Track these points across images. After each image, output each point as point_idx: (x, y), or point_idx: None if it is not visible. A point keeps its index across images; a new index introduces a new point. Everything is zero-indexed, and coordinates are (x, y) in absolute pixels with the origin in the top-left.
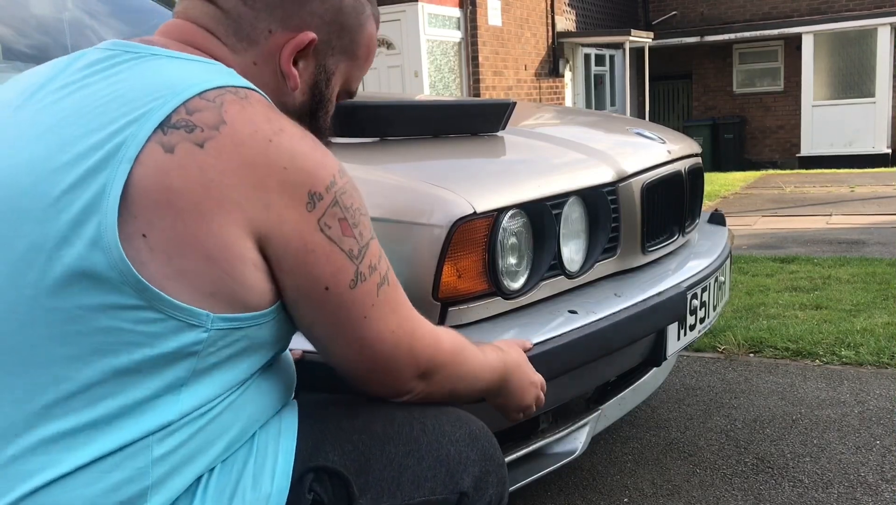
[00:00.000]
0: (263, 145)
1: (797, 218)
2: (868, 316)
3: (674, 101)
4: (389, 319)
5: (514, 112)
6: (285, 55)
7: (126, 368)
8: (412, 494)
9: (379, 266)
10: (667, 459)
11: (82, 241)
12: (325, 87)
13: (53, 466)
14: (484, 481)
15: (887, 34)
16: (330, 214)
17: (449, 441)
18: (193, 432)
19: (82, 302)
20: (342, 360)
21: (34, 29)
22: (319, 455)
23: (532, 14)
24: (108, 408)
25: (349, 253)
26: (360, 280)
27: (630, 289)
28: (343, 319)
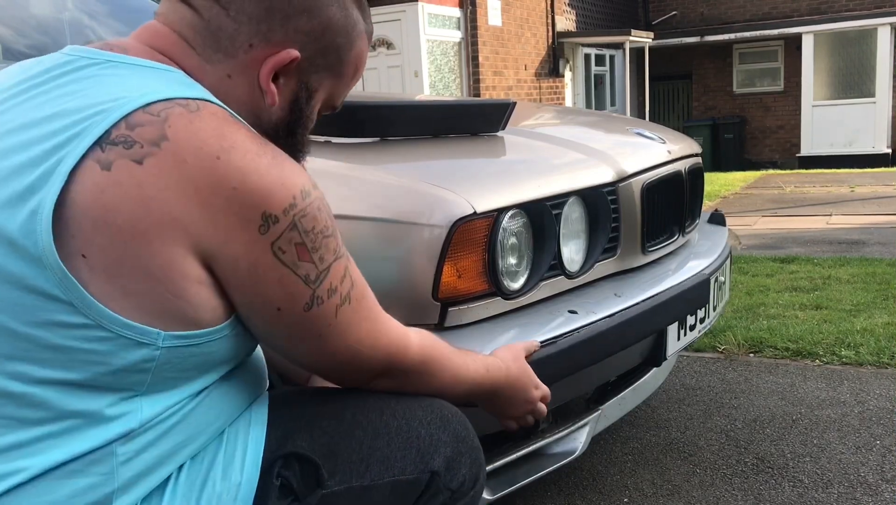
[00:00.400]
0: (210, 163)
1: (797, 218)
2: (868, 316)
3: (674, 101)
4: (347, 334)
5: (514, 112)
6: (265, 71)
7: (81, 383)
8: (381, 475)
9: (340, 287)
10: (667, 459)
11: (24, 258)
12: (305, 104)
13: (17, 473)
14: (456, 462)
15: (887, 34)
16: (285, 239)
17: (419, 424)
18: (158, 436)
19: (30, 319)
20: (301, 363)
21: (34, 29)
22: (288, 443)
23: (532, 14)
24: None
25: (304, 278)
26: (317, 304)
27: (630, 289)
28: (297, 335)
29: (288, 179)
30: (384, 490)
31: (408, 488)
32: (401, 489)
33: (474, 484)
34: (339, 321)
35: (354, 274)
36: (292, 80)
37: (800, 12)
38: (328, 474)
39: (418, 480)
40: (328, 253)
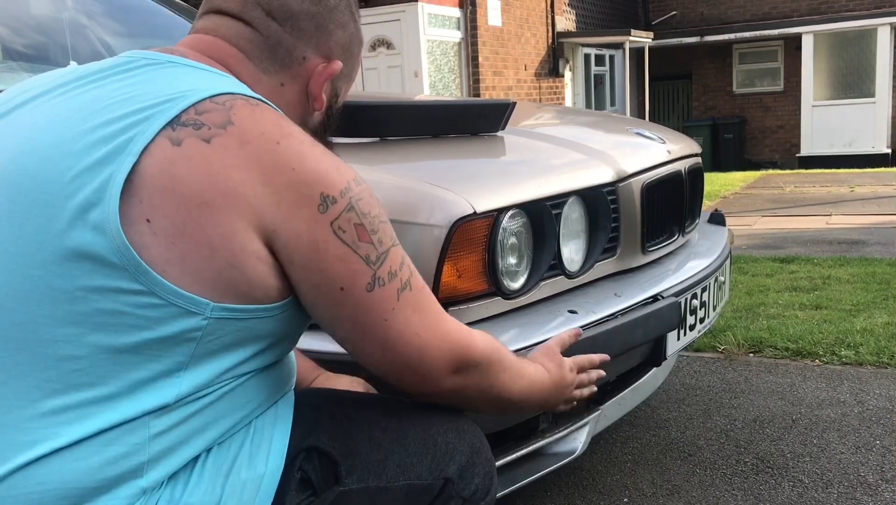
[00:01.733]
0: (271, 146)
1: (797, 218)
2: (868, 316)
3: (674, 101)
4: (412, 321)
5: (513, 112)
6: (320, 80)
7: (126, 349)
8: (397, 478)
9: (400, 272)
10: (666, 459)
11: (87, 225)
12: (334, 106)
13: (52, 439)
14: (469, 472)
15: (887, 34)
16: (344, 219)
17: (437, 431)
18: (191, 414)
19: (85, 284)
20: (370, 360)
21: (34, 29)
22: (311, 437)
23: (532, 14)
24: (108, 387)
25: (366, 258)
26: (378, 284)
27: (630, 289)
28: (363, 319)
29: (342, 167)
30: (399, 492)
31: (421, 493)
32: (415, 493)
33: (486, 494)
34: (402, 305)
35: (412, 265)
36: (328, 87)
37: (800, 12)
38: (346, 472)
39: (432, 486)
40: (386, 237)
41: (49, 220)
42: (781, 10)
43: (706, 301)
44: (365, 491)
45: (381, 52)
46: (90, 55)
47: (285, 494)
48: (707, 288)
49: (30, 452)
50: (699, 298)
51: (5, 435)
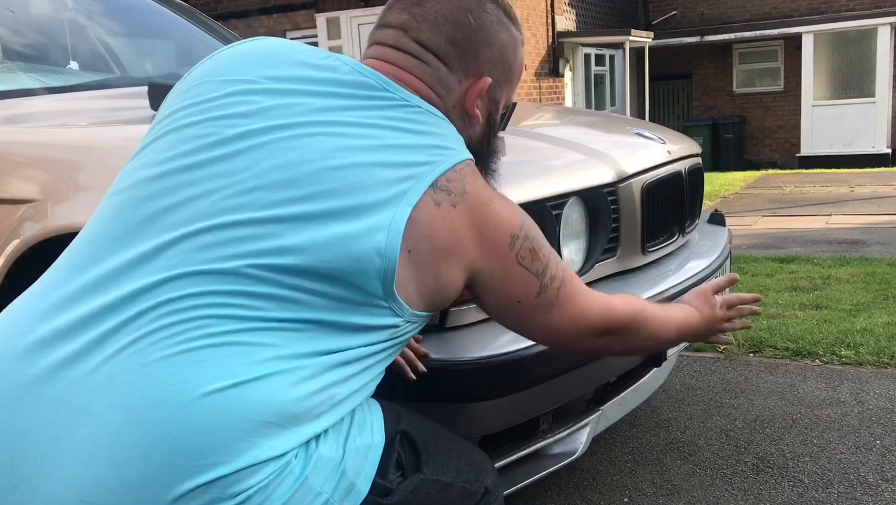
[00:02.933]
0: (484, 209)
1: (797, 218)
2: (868, 316)
3: (674, 101)
4: (566, 309)
5: (513, 112)
6: (471, 99)
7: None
8: (456, 478)
9: (558, 273)
10: (667, 459)
11: (371, 243)
12: (495, 114)
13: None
14: (497, 489)
15: (887, 34)
16: (524, 248)
17: (472, 450)
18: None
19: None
20: (533, 339)
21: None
22: (402, 424)
23: (532, 14)
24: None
25: (536, 273)
26: (544, 290)
27: (630, 289)
28: (530, 316)
29: (517, 209)
30: (457, 490)
31: (470, 496)
32: (466, 495)
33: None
34: (560, 299)
35: (561, 262)
36: (485, 100)
37: (800, 12)
38: (425, 463)
39: (477, 493)
40: (546, 249)
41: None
42: (781, 10)
43: None
44: (436, 483)
45: None
46: (90, 55)
47: (387, 468)
48: None
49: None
50: None
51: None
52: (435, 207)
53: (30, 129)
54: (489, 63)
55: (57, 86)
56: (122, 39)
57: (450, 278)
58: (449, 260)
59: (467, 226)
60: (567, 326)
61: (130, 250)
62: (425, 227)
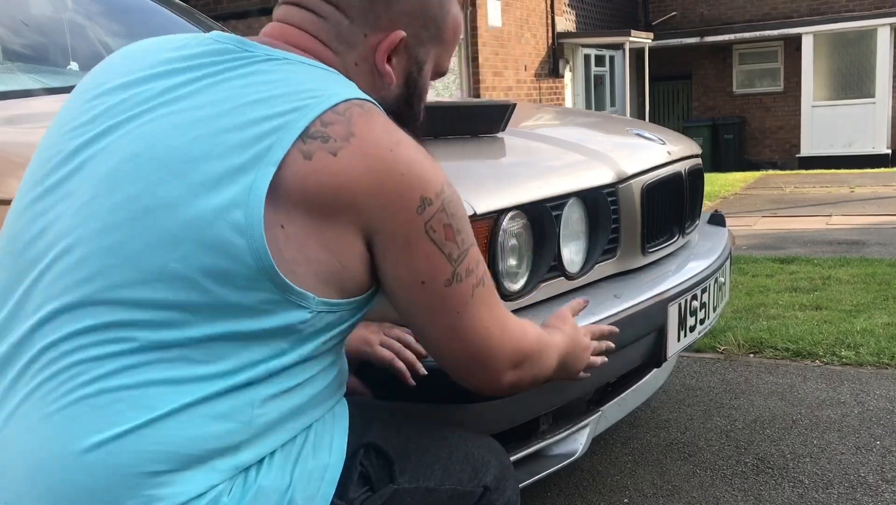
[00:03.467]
0: (385, 154)
1: (797, 218)
2: (868, 316)
3: (674, 102)
4: (482, 314)
5: (514, 113)
6: (380, 55)
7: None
8: (443, 481)
9: (476, 270)
10: (667, 460)
11: (228, 225)
12: (417, 76)
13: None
14: (503, 483)
15: (887, 34)
16: (437, 220)
17: (472, 444)
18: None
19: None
20: (438, 348)
21: (34, 29)
22: (369, 435)
23: (532, 14)
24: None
25: (448, 256)
26: (456, 281)
27: (630, 290)
28: (438, 310)
29: (438, 171)
30: (444, 495)
31: (463, 498)
32: (458, 497)
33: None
34: (474, 301)
35: (484, 265)
36: (403, 58)
37: (800, 13)
38: (399, 472)
39: (473, 493)
40: (468, 237)
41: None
42: (781, 10)
43: (706, 302)
44: (416, 491)
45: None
46: (90, 55)
47: (347, 486)
48: (707, 289)
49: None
50: (699, 299)
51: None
52: (305, 162)
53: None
54: (404, 16)
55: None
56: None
57: (343, 249)
58: (335, 223)
59: (359, 175)
60: (480, 336)
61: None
62: (296, 188)
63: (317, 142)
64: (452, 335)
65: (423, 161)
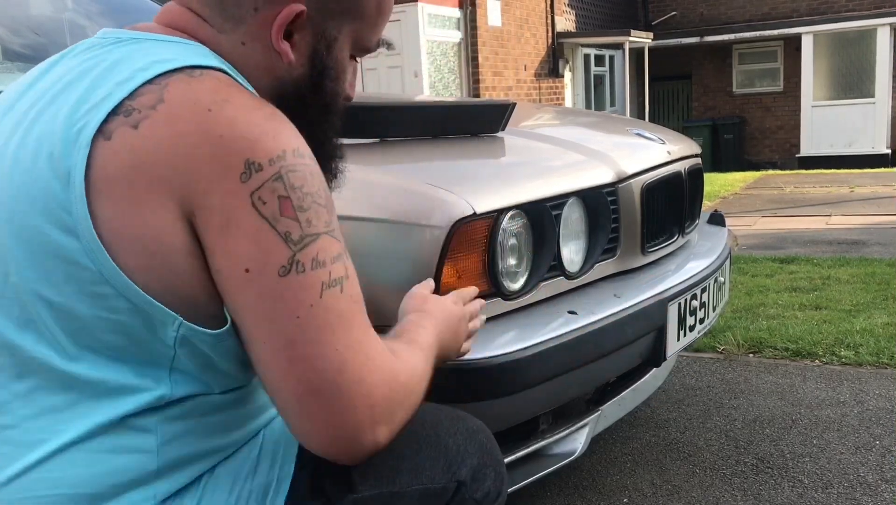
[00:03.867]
0: (201, 115)
1: (797, 218)
2: (868, 316)
3: (673, 102)
4: (336, 332)
5: (513, 113)
6: (274, 31)
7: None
8: (410, 482)
9: (332, 266)
10: (666, 460)
11: (59, 227)
12: (326, 54)
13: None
14: (481, 473)
15: (887, 34)
16: (268, 189)
17: (447, 434)
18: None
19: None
20: (273, 377)
21: (33, 29)
22: None
23: (532, 14)
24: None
25: (284, 235)
26: (297, 270)
27: (630, 290)
28: (269, 311)
29: (283, 135)
30: (413, 497)
31: (435, 496)
32: (429, 497)
33: (497, 496)
34: (325, 306)
35: (351, 270)
36: (307, 34)
37: (799, 12)
38: (359, 480)
39: (445, 489)
40: (318, 220)
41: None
42: (781, 10)
43: (706, 302)
44: (379, 497)
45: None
46: None
47: (296, 501)
48: (707, 289)
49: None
50: (699, 298)
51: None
52: (104, 144)
53: None
54: None
55: None
56: None
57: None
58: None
59: (166, 144)
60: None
61: None
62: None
63: (119, 118)
64: (291, 353)
65: (258, 121)
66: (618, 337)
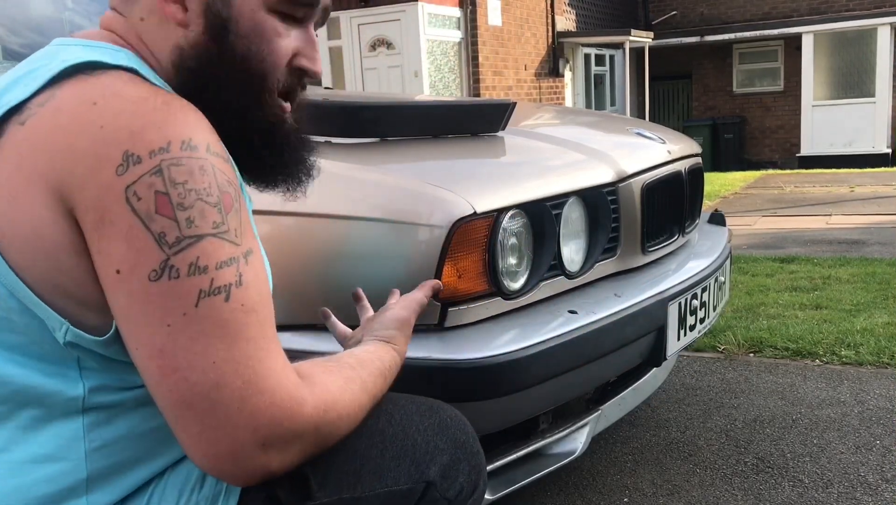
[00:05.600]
0: (84, 108)
1: (797, 218)
2: (868, 316)
3: (674, 102)
4: (213, 344)
5: (514, 112)
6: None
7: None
8: (373, 486)
9: (217, 273)
10: (667, 459)
11: None
12: (223, 8)
13: None
14: (453, 470)
15: (887, 34)
16: (144, 183)
17: (416, 431)
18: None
19: None
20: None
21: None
22: None
23: (532, 14)
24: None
25: (157, 236)
26: (169, 275)
27: (630, 289)
28: (136, 317)
29: (172, 125)
30: (376, 501)
31: (401, 498)
32: (394, 500)
33: (473, 491)
34: (200, 316)
35: (251, 277)
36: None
37: (800, 12)
38: (318, 486)
39: (412, 491)
40: (203, 221)
41: None
42: (781, 10)
43: (706, 301)
44: (339, 503)
45: (381, 52)
46: None
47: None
48: (707, 288)
49: None
50: (699, 298)
51: None
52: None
53: None
54: None
55: None
56: None
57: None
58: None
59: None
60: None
61: None
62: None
63: (14, 116)
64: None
65: (144, 111)
66: (618, 337)
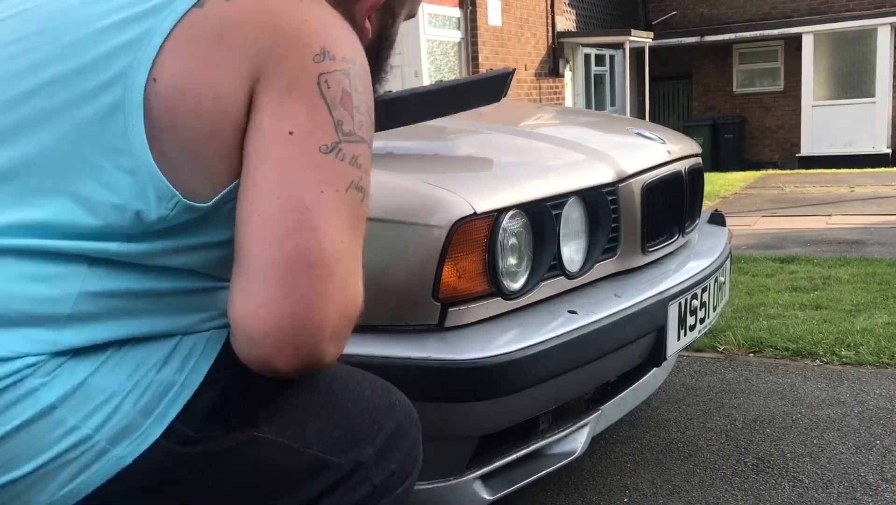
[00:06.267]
0: (292, 2)
1: (797, 218)
2: (868, 316)
3: (674, 102)
4: (346, 227)
5: (514, 112)
6: (363, 12)
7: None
8: (311, 443)
9: (363, 173)
10: (667, 459)
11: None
12: (391, 27)
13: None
14: (388, 455)
15: (887, 34)
16: (336, 77)
17: (364, 407)
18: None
19: None
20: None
21: None
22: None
23: (532, 14)
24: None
25: (336, 122)
26: (336, 155)
27: (630, 289)
28: (294, 173)
29: (356, 48)
30: (307, 460)
31: (329, 469)
32: (322, 466)
33: (403, 480)
34: (345, 199)
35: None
36: (381, 11)
37: (800, 12)
38: (265, 418)
39: (341, 466)
40: (365, 129)
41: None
42: (781, 10)
43: (706, 301)
44: (277, 445)
45: None
46: None
47: (195, 415)
48: (707, 288)
49: None
50: (699, 298)
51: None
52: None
53: None
54: None
55: None
56: None
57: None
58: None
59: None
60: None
61: None
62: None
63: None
64: (299, 219)
65: (341, 26)
66: (618, 337)
